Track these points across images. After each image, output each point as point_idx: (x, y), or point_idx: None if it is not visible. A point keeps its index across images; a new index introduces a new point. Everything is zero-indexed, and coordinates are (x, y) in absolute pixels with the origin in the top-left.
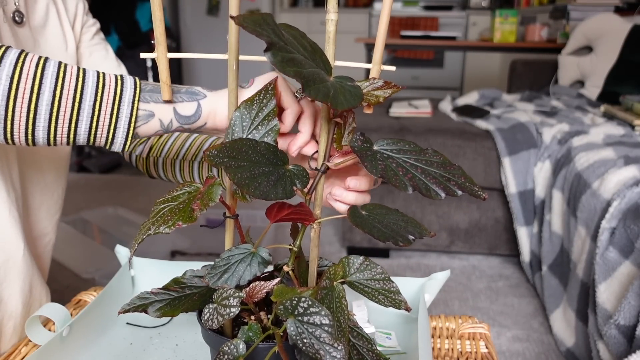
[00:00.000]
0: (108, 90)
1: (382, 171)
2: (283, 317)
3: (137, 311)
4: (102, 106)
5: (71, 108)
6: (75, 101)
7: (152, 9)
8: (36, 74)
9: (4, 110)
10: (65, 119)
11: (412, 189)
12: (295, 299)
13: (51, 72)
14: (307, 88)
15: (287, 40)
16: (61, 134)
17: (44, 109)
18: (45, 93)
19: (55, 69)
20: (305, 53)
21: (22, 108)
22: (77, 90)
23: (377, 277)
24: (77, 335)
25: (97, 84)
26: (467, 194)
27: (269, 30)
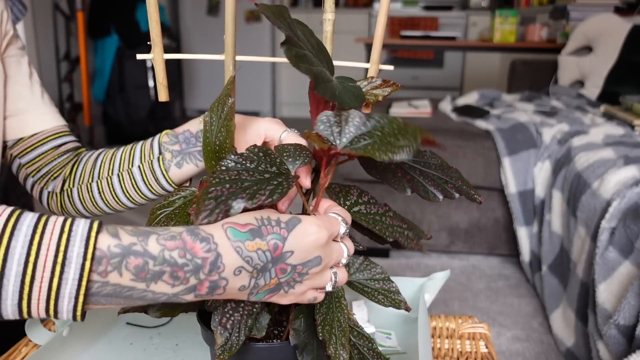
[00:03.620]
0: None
1: (381, 173)
2: None
3: (137, 311)
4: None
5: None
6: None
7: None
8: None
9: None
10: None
11: (410, 191)
12: None
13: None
14: (317, 86)
15: (299, 36)
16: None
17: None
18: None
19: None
20: (313, 51)
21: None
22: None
23: (377, 277)
24: (77, 335)
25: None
26: (464, 197)
27: (287, 24)
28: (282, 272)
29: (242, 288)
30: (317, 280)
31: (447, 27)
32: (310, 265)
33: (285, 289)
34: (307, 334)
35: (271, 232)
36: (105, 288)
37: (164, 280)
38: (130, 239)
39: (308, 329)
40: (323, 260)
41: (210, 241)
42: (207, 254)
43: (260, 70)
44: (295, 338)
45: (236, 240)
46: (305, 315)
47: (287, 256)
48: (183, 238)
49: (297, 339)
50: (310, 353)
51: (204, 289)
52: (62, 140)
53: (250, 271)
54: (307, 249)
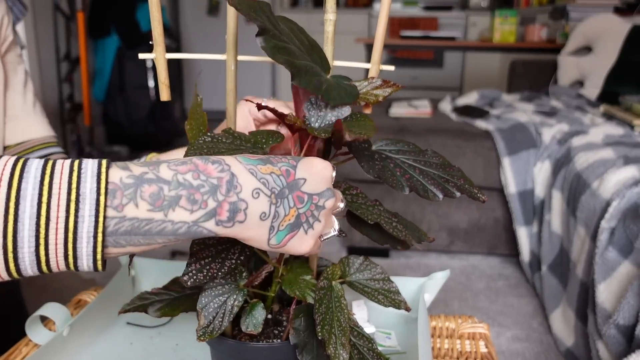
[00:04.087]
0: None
1: (379, 171)
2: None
3: (137, 311)
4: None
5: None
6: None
7: (150, 9)
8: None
9: None
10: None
11: (409, 190)
12: None
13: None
14: (297, 78)
15: (282, 30)
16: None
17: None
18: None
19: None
20: (302, 47)
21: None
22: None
23: (377, 277)
24: (77, 335)
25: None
26: (466, 195)
27: (264, 17)
28: (300, 201)
29: (263, 216)
30: (329, 221)
31: (447, 27)
32: (325, 197)
33: (305, 226)
34: (307, 333)
35: (280, 161)
36: (122, 224)
37: (182, 205)
38: (141, 169)
39: (308, 328)
40: (334, 194)
41: (223, 163)
42: (222, 174)
43: (260, 70)
44: (295, 337)
45: (248, 164)
46: (305, 315)
47: (301, 183)
48: (194, 162)
49: (297, 338)
50: (310, 352)
51: (224, 212)
52: (49, 151)
53: (268, 195)
54: (318, 179)
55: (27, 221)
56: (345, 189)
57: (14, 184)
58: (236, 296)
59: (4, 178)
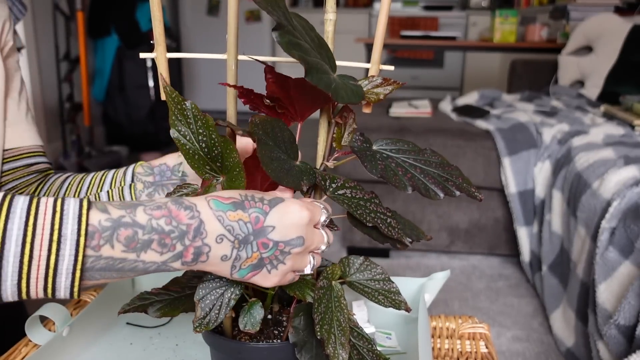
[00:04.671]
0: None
1: (381, 171)
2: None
3: (137, 311)
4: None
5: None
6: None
7: (151, 9)
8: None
9: None
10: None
11: (411, 189)
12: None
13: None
14: (310, 74)
15: (295, 26)
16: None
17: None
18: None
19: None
20: (312, 44)
21: None
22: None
23: (377, 277)
24: (77, 335)
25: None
26: (464, 194)
27: (280, 12)
28: (264, 247)
29: (224, 258)
30: (298, 263)
31: (447, 27)
32: (292, 245)
33: (268, 267)
34: (306, 332)
35: (254, 206)
36: (98, 262)
37: (153, 248)
38: (119, 212)
39: (307, 327)
40: (305, 241)
41: (194, 209)
42: (191, 221)
43: (260, 70)
44: (294, 336)
45: (218, 210)
46: (305, 314)
47: (269, 231)
48: (168, 207)
49: (296, 337)
50: (309, 351)
51: (189, 255)
52: (35, 160)
53: (232, 240)
54: (289, 227)
55: (12, 259)
56: (345, 181)
57: (0, 224)
58: (233, 289)
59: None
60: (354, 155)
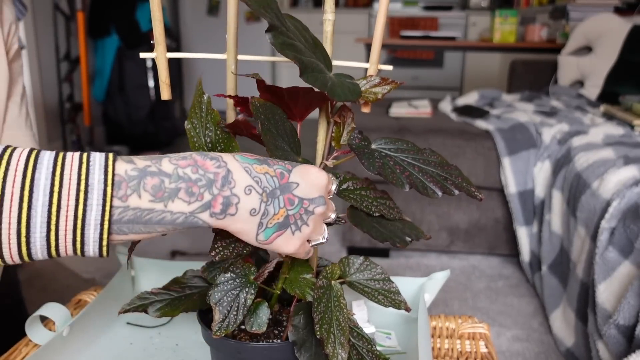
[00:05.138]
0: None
1: (379, 168)
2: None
3: (137, 311)
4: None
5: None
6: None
7: (151, 9)
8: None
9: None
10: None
11: (409, 187)
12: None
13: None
14: (305, 74)
15: (289, 27)
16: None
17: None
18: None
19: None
20: (307, 44)
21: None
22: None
23: (377, 277)
24: (77, 335)
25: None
26: (464, 193)
27: (272, 14)
28: (290, 203)
29: (253, 212)
30: (318, 228)
31: (447, 27)
32: (316, 203)
33: (292, 227)
34: (305, 331)
35: (277, 163)
36: (126, 213)
37: (180, 197)
38: (145, 162)
39: (307, 326)
40: (326, 203)
41: (220, 160)
42: (218, 170)
43: (260, 70)
44: (293, 334)
45: (244, 162)
46: (304, 312)
47: (294, 187)
48: (194, 157)
49: (296, 336)
50: (308, 350)
51: (217, 205)
52: None
53: (260, 193)
54: (311, 185)
55: (40, 209)
56: (344, 174)
57: (28, 174)
58: (248, 289)
59: (19, 168)
60: (353, 155)
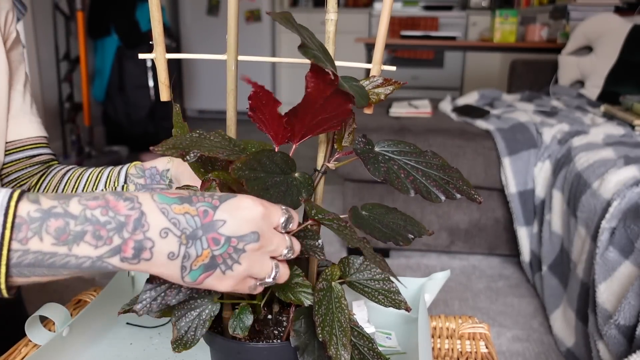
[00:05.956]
0: None
1: (384, 174)
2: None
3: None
4: None
5: None
6: None
7: (150, 9)
8: None
9: None
10: None
11: (414, 192)
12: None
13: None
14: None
15: (307, 38)
16: None
17: None
18: None
19: None
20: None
21: None
22: None
23: (377, 277)
24: (77, 335)
25: None
26: (464, 197)
27: (295, 28)
28: (215, 243)
29: (171, 255)
30: (257, 265)
31: (447, 27)
32: (246, 240)
33: (222, 267)
34: (307, 335)
35: (202, 200)
36: (26, 257)
37: (87, 241)
38: (51, 202)
39: (309, 330)
40: (260, 237)
41: (135, 200)
42: (131, 212)
43: (260, 70)
44: (296, 339)
45: (162, 203)
46: (305, 316)
47: (219, 225)
48: (106, 198)
49: (298, 340)
50: (311, 354)
51: (128, 249)
52: (38, 152)
53: (178, 235)
54: (241, 221)
55: None
56: (318, 212)
57: None
58: (209, 309)
59: None
60: (355, 157)
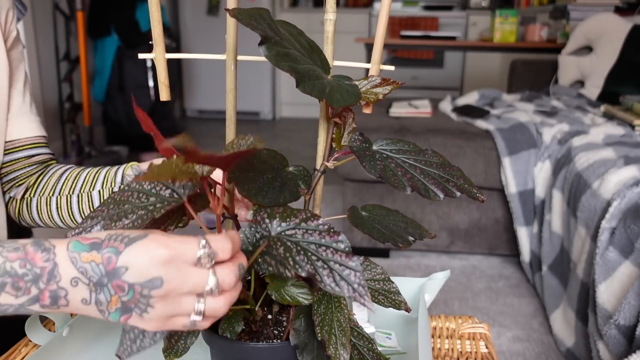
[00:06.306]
0: None
1: (380, 171)
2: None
3: None
4: None
5: None
6: None
7: (150, 9)
8: None
9: None
10: None
11: (410, 189)
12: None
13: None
14: (302, 83)
15: (283, 36)
16: None
17: None
18: None
19: None
20: (302, 50)
21: None
22: None
23: (377, 277)
24: (77, 335)
25: None
26: (465, 195)
27: (265, 24)
28: (120, 290)
29: (84, 301)
30: (173, 307)
31: (447, 27)
32: (149, 286)
33: (137, 311)
34: (307, 333)
35: (111, 245)
36: None
37: (7, 291)
38: None
39: (308, 329)
40: (164, 283)
41: (51, 252)
42: (46, 264)
43: (260, 70)
44: (295, 338)
45: (73, 252)
46: (305, 315)
47: (122, 272)
48: (26, 249)
49: (297, 339)
50: (310, 353)
51: (46, 298)
52: (37, 151)
53: (87, 283)
54: (145, 266)
55: None
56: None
57: None
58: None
59: None
60: (354, 156)
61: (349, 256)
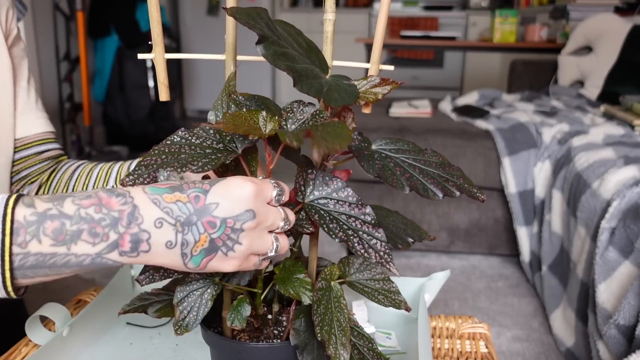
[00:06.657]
0: None
1: (378, 171)
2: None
3: (137, 312)
4: None
5: None
6: None
7: (149, 9)
8: None
9: None
10: None
11: (409, 189)
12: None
13: None
14: (299, 83)
15: (280, 35)
16: None
17: None
18: None
19: None
20: (300, 50)
21: None
22: None
23: (377, 277)
24: (77, 335)
25: None
26: (465, 195)
27: (262, 23)
28: (211, 227)
29: (169, 244)
30: (257, 242)
31: (447, 27)
32: (242, 219)
33: (223, 249)
34: (307, 333)
35: (192, 187)
36: (27, 259)
37: (84, 239)
38: (46, 205)
39: (308, 329)
40: (257, 215)
41: (127, 196)
42: (124, 207)
43: (260, 70)
44: (295, 338)
45: (153, 194)
46: (305, 315)
47: (212, 208)
48: (99, 195)
49: (297, 339)
50: (310, 353)
51: (125, 244)
52: (46, 147)
53: (173, 224)
54: (234, 201)
55: None
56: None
57: None
58: (210, 289)
59: None
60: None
61: (375, 228)
